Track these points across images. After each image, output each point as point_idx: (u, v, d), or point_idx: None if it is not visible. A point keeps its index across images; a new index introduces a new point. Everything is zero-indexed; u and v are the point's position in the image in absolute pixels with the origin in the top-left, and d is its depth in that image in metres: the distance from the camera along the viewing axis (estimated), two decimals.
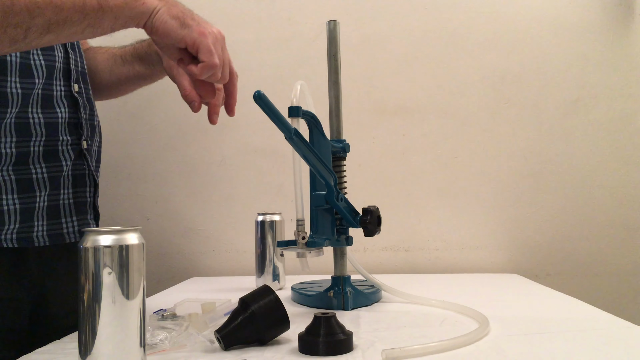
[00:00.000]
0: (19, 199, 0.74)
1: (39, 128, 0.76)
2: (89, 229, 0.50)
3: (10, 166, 0.73)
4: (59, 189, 0.79)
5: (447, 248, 1.27)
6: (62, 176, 0.79)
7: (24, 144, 0.75)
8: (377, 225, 0.83)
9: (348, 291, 0.84)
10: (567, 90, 1.27)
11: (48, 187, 0.77)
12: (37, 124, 0.76)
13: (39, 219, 0.76)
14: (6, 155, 0.73)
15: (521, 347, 0.61)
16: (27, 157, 0.75)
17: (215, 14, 1.33)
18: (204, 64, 0.66)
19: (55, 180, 0.78)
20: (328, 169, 0.80)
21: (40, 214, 0.76)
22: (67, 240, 0.80)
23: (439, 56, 1.29)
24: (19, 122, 0.74)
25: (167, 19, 0.64)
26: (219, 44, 0.69)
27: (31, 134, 0.75)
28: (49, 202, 0.77)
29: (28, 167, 0.75)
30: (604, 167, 1.26)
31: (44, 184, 0.76)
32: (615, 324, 0.72)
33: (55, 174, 0.78)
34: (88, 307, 0.49)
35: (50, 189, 0.77)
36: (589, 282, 1.25)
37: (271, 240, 1.03)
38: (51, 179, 0.77)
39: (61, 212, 0.79)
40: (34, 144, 0.76)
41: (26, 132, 0.75)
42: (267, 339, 0.64)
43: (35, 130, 0.76)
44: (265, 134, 1.29)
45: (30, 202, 0.75)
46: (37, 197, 0.76)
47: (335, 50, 0.90)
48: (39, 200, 0.76)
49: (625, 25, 1.26)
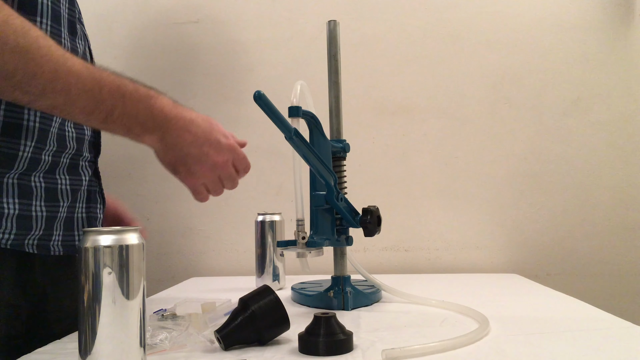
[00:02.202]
0: (46, 207, 0.74)
1: (72, 142, 0.77)
2: (89, 229, 0.50)
3: (42, 173, 0.73)
4: (76, 202, 0.79)
5: (447, 248, 1.27)
6: (80, 190, 0.80)
7: (59, 154, 0.75)
8: (377, 225, 0.83)
9: (348, 291, 0.84)
10: (567, 90, 1.27)
11: (70, 199, 0.77)
12: (71, 137, 0.77)
13: (57, 229, 0.76)
14: (44, 163, 0.73)
15: (521, 347, 0.61)
16: (57, 166, 0.76)
17: (215, 14, 1.33)
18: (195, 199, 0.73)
19: (75, 193, 0.79)
20: (328, 169, 0.80)
21: (59, 224, 0.76)
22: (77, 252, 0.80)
23: (439, 56, 1.29)
24: (60, 133, 0.74)
25: (162, 162, 0.70)
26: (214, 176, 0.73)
27: (66, 147, 0.76)
28: (67, 213, 0.77)
29: (55, 176, 0.75)
30: (604, 167, 1.26)
31: (67, 195, 0.77)
32: (615, 324, 0.72)
33: (75, 187, 0.79)
34: (88, 307, 0.48)
35: (70, 200, 0.78)
36: (589, 282, 1.25)
37: (271, 240, 1.03)
38: (72, 192, 0.78)
39: (75, 225, 0.79)
40: (65, 156, 0.76)
41: (63, 143, 0.75)
42: (267, 339, 0.64)
43: (69, 143, 0.76)
44: (265, 134, 1.29)
45: (55, 211, 0.75)
46: (60, 207, 0.76)
47: (335, 50, 0.90)
48: (61, 211, 0.76)
49: (625, 25, 1.26)
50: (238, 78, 1.32)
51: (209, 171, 0.71)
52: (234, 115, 1.32)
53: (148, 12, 1.34)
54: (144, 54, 1.33)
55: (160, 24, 1.34)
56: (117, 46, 1.34)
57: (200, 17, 1.34)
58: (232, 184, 0.75)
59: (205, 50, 1.33)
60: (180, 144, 0.68)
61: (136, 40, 1.33)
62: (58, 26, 0.73)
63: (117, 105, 0.63)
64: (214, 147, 0.71)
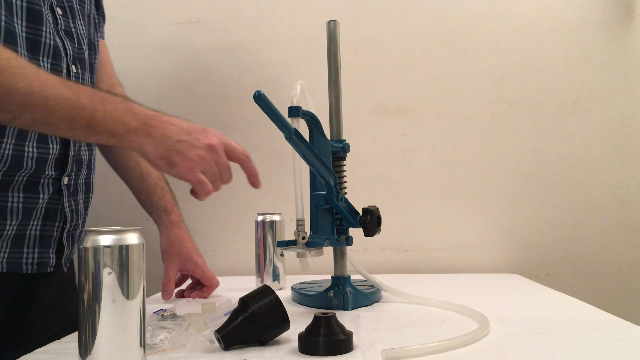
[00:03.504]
0: None
1: (30, 162, 0.76)
2: (89, 229, 0.50)
3: None
4: (29, 220, 0.78)
5: (447, 248, 1.27)
6: (36, 208, 0.78)
7: (12, 173, 0.74)
8: (377, 225, 0.83)
9: (348, 291, 0.84)
10: (567, 90, 1.27)
11: (20, 217, 0.76)
12: (30, 157, 0.75)
13: (3, 246, 0.75)
14: None
15: (521, 347, 0.61)
16: (10, 184, 0.75)
17: (216, 14, 1.33)
18: (199, 193, 0.69)
19: (28, 210, 0.77)
20: (328, 169, 0.80)
21: (6, 241, 0.75)
22: (23, 270, 0.78)
23: (439, 56, 1.29)
24: (15, 154, 0.74)
25: (155, 159, 0.67)
26: (211, 161, 0.69)
27: (22, 166, 0.75)
28: (16, 231, 0.76)
29: (7, 194, 0.75)
30: (604, 167, 1.26)
31: (16, 213, 0.76)
32: (615, 324, 0.72)
33: (30, 205, 0.78)
34: (88, 307, 0.49)
35: (21, 218, 0.76)
36: (589, 282, 1.25)
37: (271, 240, 1.03)
38: (25, 210, 0.77)
39: (25, 242, 0.78)
40: (20, 175, 0.75)
41: (18, 163, 0.74)
42: (267, 339, 0.64)
43: (27, 163, 0.75)
44: (265, 134, 1.29)
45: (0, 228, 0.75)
46: (7, 225, 0.75)
47: (335, 50, 0.90)
48: (8, 228, 0.75)
49: (625, 25, 1.26)
50: (238, 78, 1.32)
51: (205, 153, 0.68)
52: (234, 115, 1.32)
53: (148, 12, 1.34)
54: (144, 54, 1.33)
55: (160, 24, 1.34)
56: (117, 46, 1.34)
57: (200, 17, 1.34)
58: (229, 174, 0.72)
59: (205, 50, 1.33)
60: (169, 134, 0.67)
61: (136, 40, 1.33)
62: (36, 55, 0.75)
63: (97, 109, 0.63)
64: (202, 134, 0.69)
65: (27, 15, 0.73)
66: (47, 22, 0.76)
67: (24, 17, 0.72)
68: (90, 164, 0.91)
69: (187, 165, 0.67)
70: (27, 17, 0.73)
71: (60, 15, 0.81)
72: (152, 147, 0.66)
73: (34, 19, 0.73)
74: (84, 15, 0.88)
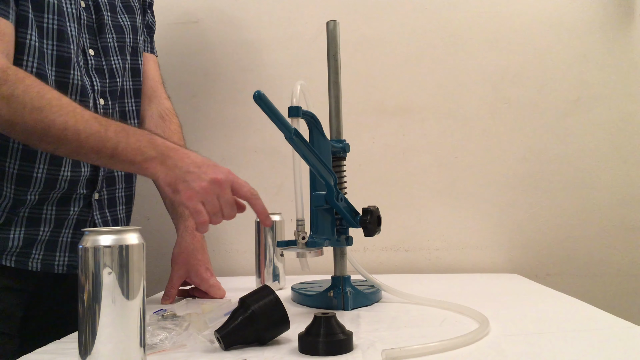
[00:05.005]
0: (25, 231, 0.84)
1: (64, 183, 0.85)
2: (89, 229, 0.50)
3: (28, 208, 0.84)
4: (61, 228, 0.87)
5: (447, 248, 1.27)
6: (68, 218, 0.88)
7: (47, 193, 0.84)
8: (377, 225, 0.83)
9: (348, 291, 0.84)
10: (567, 90, 1.27)
11: (52, 225, 0.86)
12: (63, 179, 0.85)
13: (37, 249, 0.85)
14: (30, 201, 0.83)
15: (521, 347, 0.61)
16: (45, 201, 0.85)
17: (215, 14, 1.33)
18: (195, 221, 0.75)
19: (61, 221, 0.87)
20: (328, 169, 0.80)
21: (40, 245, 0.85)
22: (55, 270, 0.87)
23: (439, 56, 1.29)
24: (49, 177, 0.83)
25: (163, 185, 0.75)
26: (213, 194, 0.75)
27: (55, 187, 0.84)
28: (50, 236, 0.86)
29: (42, 207, 0.85)
30: (604, 167, 1.26)
31: (49, 222, 0.86)
32: (615, 324, 0.72)
33: (62, 216, 0.87)
34: (88, 307, 0.49)
35: (54, 226, 0.86)
36: (589, 282, 1.25)
37: (271, 240, 1.03)
38: (57, 220, 0.86)
39: (57, 247, 0.87)
40: (54, 193, 0.85)
41: (52, 184, 0.84)
42: (267, 339, 0.64)
43: (60, 184, 0.85)
44: (265, 134, 1.29)
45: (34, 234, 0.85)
46: (40, 231, 0.85)
47: (335, 50, 0.90)
48: (41, 234, 0.85)
49: (625, 25, 1.26)
50: (238, 78, 1.32)
51: (208, 186, 0.73)
52: (234, 115, 1.32)
53: None
54: None
55: (160, 24, 1.33)
56: None
57: (200, 17, 1.34)
58: (231, 210, 0.77)
59: (205, 50, 1.33)
60: (180, 165, 0.74)
61: None
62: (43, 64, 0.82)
63: (121, 141, 0.73)
64: (212, 168, 0.75)
65: (56, 61, 0.82)
66: (75, 65, 0.84)
67: (53, 63, 0.82)
68: (129, 177, 1.00)
69: (188, 193, 0.73)
70: (56, 63, 0.82)
71: (92, 56, 0.90)
72: (163, 174, 0.74)
73: (62, 64, 0.83)
74: (122, 49, 0.96)
